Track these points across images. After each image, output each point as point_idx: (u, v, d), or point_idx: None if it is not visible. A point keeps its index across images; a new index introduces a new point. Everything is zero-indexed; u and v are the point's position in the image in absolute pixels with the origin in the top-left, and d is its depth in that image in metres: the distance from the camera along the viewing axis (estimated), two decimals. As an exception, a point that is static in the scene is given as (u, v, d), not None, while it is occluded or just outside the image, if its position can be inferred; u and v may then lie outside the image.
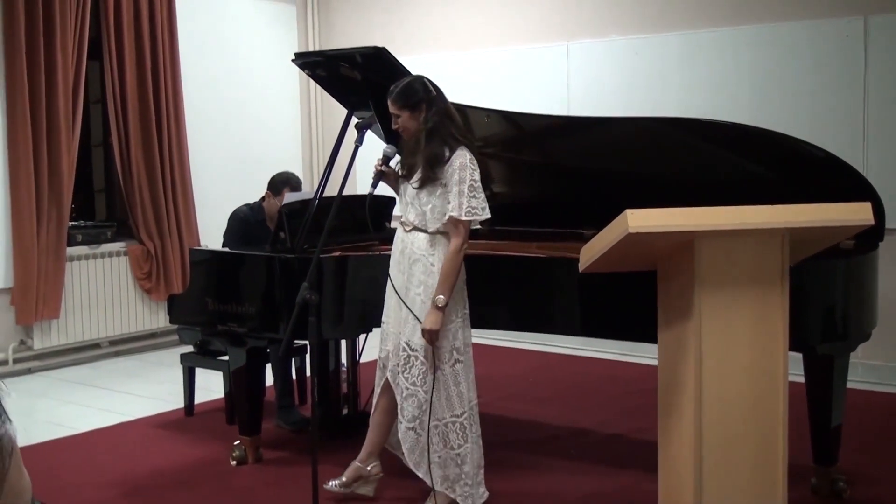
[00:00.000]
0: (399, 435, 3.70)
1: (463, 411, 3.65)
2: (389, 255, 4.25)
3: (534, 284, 3.99)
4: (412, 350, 3.63)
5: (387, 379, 3.74)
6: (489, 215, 3.61)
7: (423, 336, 3.57)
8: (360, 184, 7.40)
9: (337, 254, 4.29)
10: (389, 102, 3.65)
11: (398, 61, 4.33)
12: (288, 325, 3.68)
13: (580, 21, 6.78)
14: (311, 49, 8.01)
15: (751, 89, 6.00)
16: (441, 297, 3.54)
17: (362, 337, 4.69)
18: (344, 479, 3.89)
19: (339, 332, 4.45)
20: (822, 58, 5.76)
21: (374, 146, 4.53)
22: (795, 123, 5.24)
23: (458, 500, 3.67)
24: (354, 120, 4.36)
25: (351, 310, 4.22)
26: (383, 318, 3.80)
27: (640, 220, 2.94)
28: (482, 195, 3.58)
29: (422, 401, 3.61)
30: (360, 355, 4.89)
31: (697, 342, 3.04)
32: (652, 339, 3.32)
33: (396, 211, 4.86)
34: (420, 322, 3.59)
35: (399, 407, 3.67)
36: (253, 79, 7.73)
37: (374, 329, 4.34)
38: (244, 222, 4.99)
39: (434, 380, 3.61)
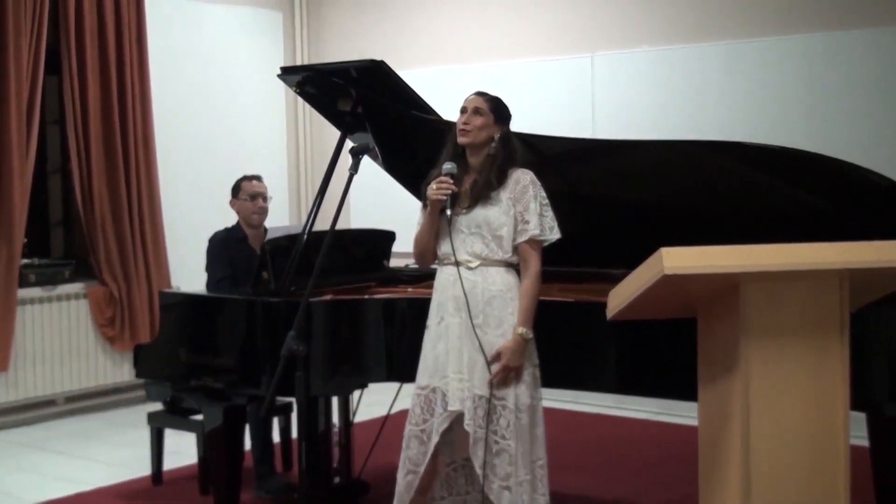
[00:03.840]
0: (492, 497, 3.66)
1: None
2: (389, 300, 4.25)
3: (555, 333, 3.98)
4: (498, 399, 3.62)
5: (434, 454, 3.70)
6: (559, 235, 3.72)
7: (501, 374, 3.58)
8: (355, 216, 7.44)
9: (329, 297, 4.29)
10: (481, 98, 3.77)
11: (399, 77, 4.35)
12: (271, 379, 3.67)
13: (606, 30, 6.82)
14: (299, 62, 8.08)
15: (803, 108, 6.01)
16: (525, 329, 3.62)
17: (356, 394, 4.67)
18: None
19: (330, 389, 4.44)
20: (885, 71, 5.77)
21: (370, 174, 4.55)
22: (855, 147, 5.25)
23: None
24: (349, 144, 4.38)
25: (344, 363, 4.21)
26: (425, 380, 3.72)
27: (676, 259, 2.94)
28: (552, 213, 3.73)
29: (513, 454, 3.61)
30: (354, 415, 4.87)
31: (744, 400, 3.02)
32: (692, 396, 3.31)
33: (400, 247, 4.90)
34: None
35: (487, 466, 3.63)
36: (233, 97, 7.78)
37: (370, 385, 4.33)
38: (224, 245, 5.06)
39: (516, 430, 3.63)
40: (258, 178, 5.25)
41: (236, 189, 5.22)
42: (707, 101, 6.34)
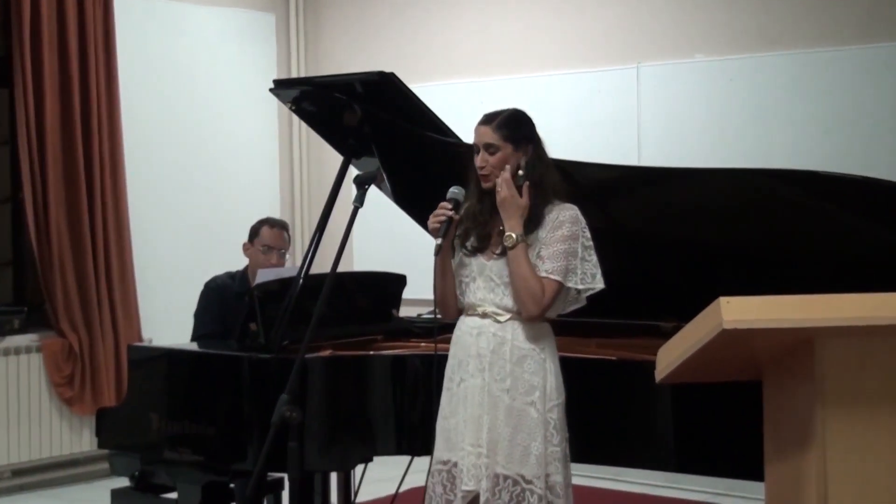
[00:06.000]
0: None
1: None
2: (398, 357, 4.25)
3: (594, 398, 3.98)
4: (526, 482, 3.59)
5: None
6: (602, 285, 3.67)
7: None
8: (359, 257, 7.45)
9: (328, 353, 4.30)
10: (489, 129, 3.71)
11: (412, 92, 4.39)
12: (260, 451, 3.67)
13: (655, 37, 6.84)
14: (294, 74, 8.14)
15: (891, 130, 6.00)
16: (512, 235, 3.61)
17: (359, 469, 4.67)
18: None
19: (328, 462, 4.43)
20: None
21: (377, 207, 4.57)
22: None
23: None
24: (353, 171, 4.40)
25: (346, 432, 4.21)
26: (445, 454, 3.70)
27: (738, 311, 2.94)
28: (595, 258, 3.68)
29: None
30: (356, 494, 4.87)
31: (821, 480, 3.01)
32: (757, 475, 3.30)
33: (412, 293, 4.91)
34: (535, 441, 3.58)
35: None
36: (218, 115, 7.82)
37: (375, 458, 4.33)
38: (220, 293, 5.04)
39: None
40: (282, 225, 5.21)
41: (254, 233, 5.18)
42: (774, 122, 6.35)
